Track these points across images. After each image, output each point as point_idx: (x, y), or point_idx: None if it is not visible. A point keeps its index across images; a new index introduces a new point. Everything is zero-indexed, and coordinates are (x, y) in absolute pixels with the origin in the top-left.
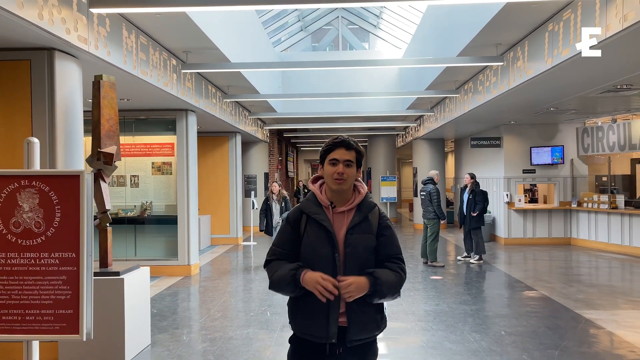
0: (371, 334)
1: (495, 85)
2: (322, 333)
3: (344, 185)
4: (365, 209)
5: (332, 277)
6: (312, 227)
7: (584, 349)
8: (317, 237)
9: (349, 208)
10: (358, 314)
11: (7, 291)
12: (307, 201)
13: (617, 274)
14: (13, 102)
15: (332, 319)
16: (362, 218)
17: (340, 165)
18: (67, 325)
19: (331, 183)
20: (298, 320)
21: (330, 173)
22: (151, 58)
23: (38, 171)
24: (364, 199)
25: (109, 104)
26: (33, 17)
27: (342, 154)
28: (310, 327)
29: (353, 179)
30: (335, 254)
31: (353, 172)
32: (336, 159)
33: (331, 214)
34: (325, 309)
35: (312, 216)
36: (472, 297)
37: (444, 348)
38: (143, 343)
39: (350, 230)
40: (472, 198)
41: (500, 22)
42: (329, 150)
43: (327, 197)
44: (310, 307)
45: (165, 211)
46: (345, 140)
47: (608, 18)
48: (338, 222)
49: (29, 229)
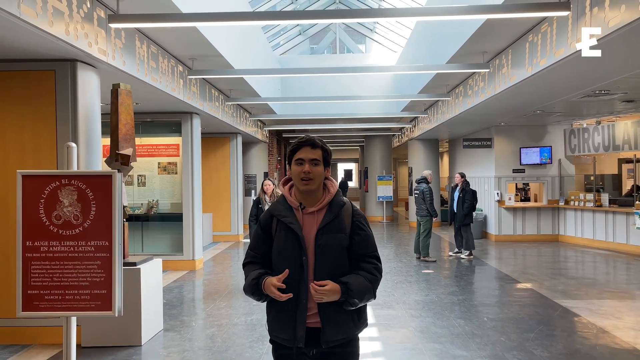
0: (347, 334)
1: (483, 90)
2: (289, 336)
3: (311, 185)
4: (335, 207)
5: (300, 280)
6: (282, 231)
7: (557, 332)
8: (285, 240)
9: (318, 208)
10: (332, 314)
11: (50, 274)
12: (277, 203)
13: (598, 268)
14: (39, 108)
15: (300, 322)
16: (333, 217)
17: (307, 165)
18: (101, 303)
19: (299, 184)
20: (269, 322)
21: (296, 173)
22: (160, 65)
23: (76, 172)
24: (334, 197)
25: (126, 110)
26: (61, 33)
27: (307, 152)
28: (278, 329)
29: (321, 178)
30: (302, 257)
31: (320, 170)
32: (302, 159)
33: (301, 216)
34: (292, 311)
35: (281, 219)
36: (460, 289)
37: (431, 332)
38: (157, 328)
39: (321, 231)
40: (462, 196)
41: (485, 33)
42: (294, 151)
43: (296, 198)
44: (279, 309)
45: (170, 209)
46: (310, 139)
47: (579, 32)
48: (308, 223)
49: (68, 221)
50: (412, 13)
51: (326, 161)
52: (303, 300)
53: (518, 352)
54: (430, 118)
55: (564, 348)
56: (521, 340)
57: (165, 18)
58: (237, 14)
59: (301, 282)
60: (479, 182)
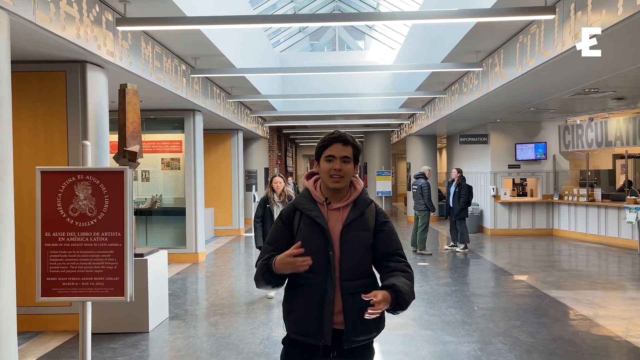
0: (369, 335)
1: (477, 87)
2: (315, 332)
3: (341, 183)
4: (361, 205)
5: (327, 274)
6: (306, 224)
7: (543, 320)
8: (310, 234)
9: (344, 204)
10: (356, 314)
11: (67, 262)
12: (301, 197)
13: (588, 261)
14: (51, 107)
15: (327, 318)
16: (358, 215)
17: (337, 162)
18: (114, 289)
19: (328, 181)
20: (292, 318)
21: (326, 170)
22: (164, 65)
23: (91, 168)
24: (360, 195)
25: (133, 109)
26: (72, 36)
27: (339, 149)
28: (303, 325)
29: (350, 175)
30: (329, 251)
31: (350, 168)
32: (333, 156)
33: (326, 211)
34: (319, 306)
35: (306, 213)
36: (454, 280)
37: (423, 320)
38: (163, 316)
39: (346, 228)
40: (458, 191)
41: (478, 33)
42: (325, 146)
43: (321, 193)
44: (304, 305)
45: (174, 204)
46: (342, 136)
47: (564, 35)
48: (333, 219)
49: (84, 213)
50: (408, 16)
51: (356, 158)
52: (330, 296)
53: (504, 338)
54: (427, 114)
55: (547, 334)
56: (508, 327)
57: (171, 21)
58: (239, 17)
59: (327, 276)
60: (475, 177)
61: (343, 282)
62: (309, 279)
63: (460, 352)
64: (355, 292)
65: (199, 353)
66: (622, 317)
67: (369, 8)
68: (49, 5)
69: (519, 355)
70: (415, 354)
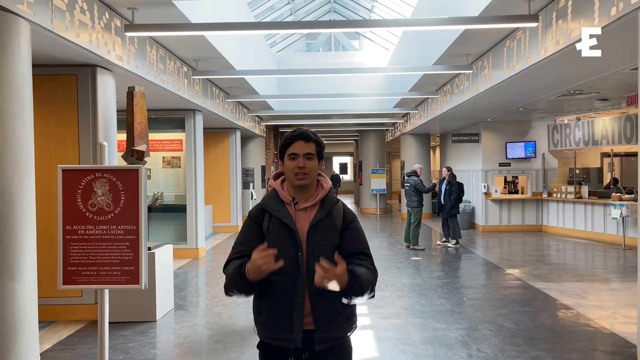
0: (341, 334)
1: (467, 89)
2: (285, 336)
3: (306, 180)
4: (328, 204)
5: (296, 276)
6: (275, 225)
7: (527, 309)
8: (279, 235)
9: (311, 204)
10: (325, 313)
11: (86, 253)
12: (269, 198)
13: (574, 255)
14: (63, 109)
15: (297, 320)
16: (325, 214)
17: (300, 159)
18: (130, 277)
19: (293, 179)
20: (262, 321)
21: (290, 168)
22: (168, 67)
23: (108, 166)
24: (327, 194)
25: (140, 111)
26: (85, 42)
27: (301, 147)
28: (273, 330)
29: (315, 172)
30: (298, 252)
31: (314, 165)
32: (295, 153)
33: (293, 211)
34: (289, 309)
35: (274, 214)
36: (445, 274)
37: (414, 309)
38: (168, 306)
39: (313, 228)
40: (449, 189)
41: (468, 37)
42: (287, 145)
43: (288, 193)
44: (273, 308)
45: (174, 201)
46: (304, 133)
47: (547, 41)
48: (300, 219)
49: (101, 208)
50: (400, 24)
51: (320, 155)
52: (300, 298)
53: (490, 325)
54: (421, 114)
55: (530, 321)
56: (494, 316)
57: (176, 27)
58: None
59: (297, 278)
60: (467, 175)
61: (311, 283)
62: (278, 281)
63: (448, 338)
64: (324, 293)
65: (205, 339)
66: (601, 306)
67: (364, 9)
68: (65, 14)
69: (503, 339)
70: (407, 339)
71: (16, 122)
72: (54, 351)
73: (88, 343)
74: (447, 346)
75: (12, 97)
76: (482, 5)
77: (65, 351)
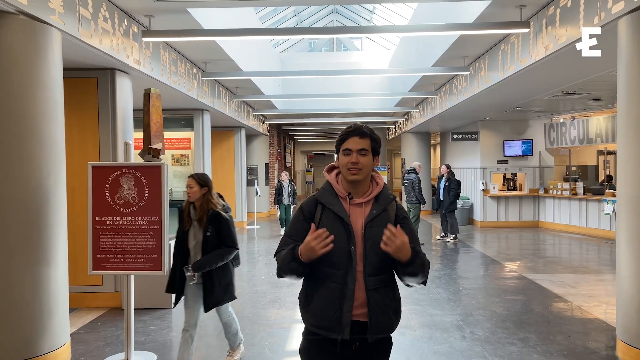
0: (391, 327)
1: (465, 89)
2: (334, 326)
3: (359, 175)
4: (384, 201)
5: (347, 269)
6: (328, 219)
7: (519, 297)
8: (332, 229)
9: (366, 200)
10: (380, 309)
11: (114, 242)
12: (323, 191)
13: (568, 250)
14: (85, 110)
15: (346, 312)
16: (381, 211)
17: (354, 155)
18: (153, 264)
19: (346, 174)
20: (310, 310)
21: (344, 163)
22: (179, 69)
23: (134, 163)
24: (382, 190)
25: (156, 111)
26: (107, 48)
27: (355, 142)
28: (321, 319)
29: (369, 168)
30: (351, 247)
31: (368, 161)
32: (349, 149)
33: (348, 206)
34: (339, 300)
35: (329, 207)
36: (443, 266)
37: (413, 298)
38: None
39: (369, 223)
40: (448, 185)
41: (465, 40)
42: (342, 140)
43: (343, 187)
44: (323, 298)
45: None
46: (359, 128)
47: (537, 46)
48: (355, 214)
49: (127, 201)
50: (399, 30)
51: (375, 150)
52: (350, 291)
53: (483, 311)
54: (421, 113)
55: (521, 308)
56: (487, 303)
57: (189, 33)
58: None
59: (348, 272)
60: (466, 172)
61: (367, 278)
62: (330, 273)
63: (444, 322)
64: (379, 287)
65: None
66: (589, 294)
67: (366, 11)
68: (90, 23)
69: (495, 324)
70: (406, 324)
71: (51, 123)
72: (80, 333)
73: (111, 327)
74: (443, 329)
75: (47, 100)
76: (477, 12)
77: (91, 333)
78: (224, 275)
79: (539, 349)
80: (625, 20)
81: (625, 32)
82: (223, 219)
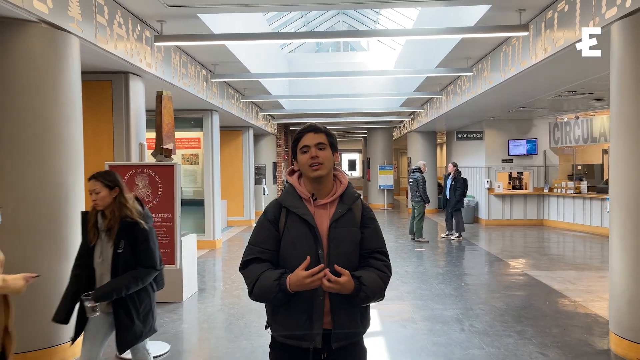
0: (356, 331)
1: (469, 89)
2: (305, 335)
3: (322, 170)
4: (348, 200)
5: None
6: (293, 222)
7: (519, 293)
8: (298, 232)
9: (331, 200)
10: (343, 312)
11: None
12: (286, 194)
13: (572, 248)
14: (99, 112)
15: (317, 319)
16: (346, 210)
17: (313, 149)
18: (167, 258)
19: (308, 171)
20: (278, 321)
21: (304, 162)
22: (189, 71)
23: (148, 163)
24: (347, 189)
25: (168, 113)
26: (122, 53)
27: (311, 138)
28: (291, 329)
29: (330, 162)
30: (318, 250)
31: (328, 154)
32: (307, 145)
33: (312, 207)
34: (308, 308)
35: (293, 210)
36: (446, 263)
37: (416, 293)
38: (193, 289)
39: (334, 224)
40: (454, 184)
41: (468, 42)
42: (297, 140)
43: (306, 189)
44: (292, 307)
45: (193, 195)
46: (312, 125)
47: (537, 49)
48: (320, 215)
49: (142, 199)
50: (403, 33)
51: (333, 145)
52: (320, 296)
53: (483, 305)
54: (426, 112)
55: (520, 303)
56: (488, 298)
57: (200, 38)
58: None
59: None
60: (471, 171)
61: None
62: None
63: (445, 316)
64: None
65: (227, 317)
66: (587, 290)
67: (372, 12)
68: (106, 29)
69: (493, 317)
70: (408, 317)
71: (70, 125)
72: None
73: None
74: (443, 322)
75: (67, 103)
76: (478, 15)
77: None
78: (142, 302)
79: (535, 341)
80: (617, 25)
81: (618, 36)
82: (140, 230)
